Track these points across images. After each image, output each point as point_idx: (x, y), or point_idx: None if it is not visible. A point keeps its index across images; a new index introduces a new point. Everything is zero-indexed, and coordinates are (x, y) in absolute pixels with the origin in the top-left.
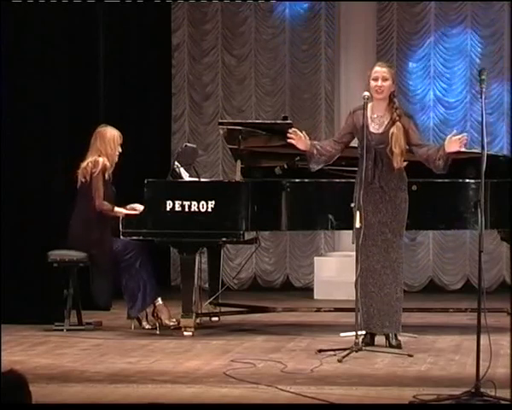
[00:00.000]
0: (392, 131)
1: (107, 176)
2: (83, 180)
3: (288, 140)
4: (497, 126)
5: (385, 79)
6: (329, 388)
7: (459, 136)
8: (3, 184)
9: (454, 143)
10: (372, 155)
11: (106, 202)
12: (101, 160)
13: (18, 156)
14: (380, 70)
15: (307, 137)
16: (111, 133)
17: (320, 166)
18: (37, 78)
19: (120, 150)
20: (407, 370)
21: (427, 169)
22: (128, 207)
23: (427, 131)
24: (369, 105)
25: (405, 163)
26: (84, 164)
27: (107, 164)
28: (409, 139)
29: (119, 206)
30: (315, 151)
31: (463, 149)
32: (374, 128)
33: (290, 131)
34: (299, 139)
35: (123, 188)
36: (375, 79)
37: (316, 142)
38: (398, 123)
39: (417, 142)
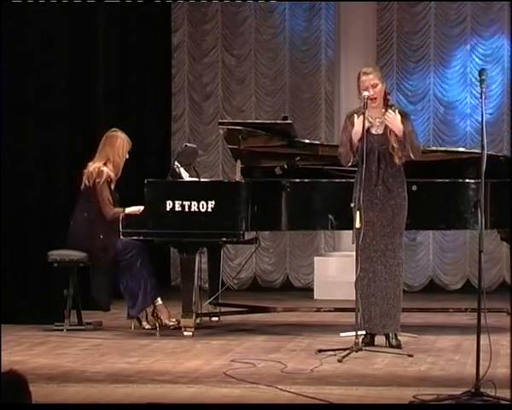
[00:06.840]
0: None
1: (112, 187)
2: (87, 183)
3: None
4: (497, 126)
5: (375, 86)
6: (329, 388)
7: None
8: (3, 184)
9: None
10: (376, 157)
11: (115, 209)
12: (105, 170)
13: (18, 156)
14: (366, 78)
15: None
16: (120, 141)
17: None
18: (36, 78)
19: (127, 157)
20: (407, 370)
21: (426, 169)
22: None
23: (427, 131)
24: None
25: (414, 157)
26: (90, 168)
27: (112, 175)
28: None
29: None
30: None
31: (463, 149)
32: (374, 130)
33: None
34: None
35: (123, 188)
36: (365, 89)
37: None
38: None
39: None
